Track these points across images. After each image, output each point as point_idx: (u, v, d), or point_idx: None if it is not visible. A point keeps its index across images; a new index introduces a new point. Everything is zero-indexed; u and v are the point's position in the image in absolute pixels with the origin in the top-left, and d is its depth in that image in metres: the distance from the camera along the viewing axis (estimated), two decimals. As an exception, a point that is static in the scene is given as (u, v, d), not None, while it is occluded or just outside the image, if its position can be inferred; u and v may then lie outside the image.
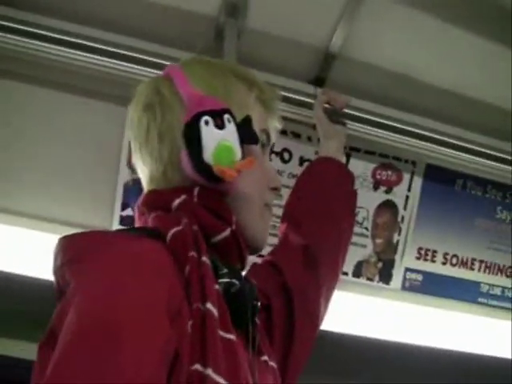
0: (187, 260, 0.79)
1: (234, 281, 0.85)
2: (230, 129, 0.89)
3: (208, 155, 0.86)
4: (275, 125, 1.02)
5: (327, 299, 1.21)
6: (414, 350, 1.73)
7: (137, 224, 0.95)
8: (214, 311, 0.76)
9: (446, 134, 1.57)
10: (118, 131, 1.40)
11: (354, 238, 1.57)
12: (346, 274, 1.58)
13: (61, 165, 1.42)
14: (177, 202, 0.89)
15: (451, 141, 1.57)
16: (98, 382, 0.62)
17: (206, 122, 0.87)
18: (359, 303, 1.64)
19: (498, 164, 1.63)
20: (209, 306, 0.76)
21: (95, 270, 0.74)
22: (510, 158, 1.63)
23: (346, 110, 1.43)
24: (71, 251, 0.80)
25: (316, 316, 1.17)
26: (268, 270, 1.15)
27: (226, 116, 0.89)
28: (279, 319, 1.09)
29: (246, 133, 0.92)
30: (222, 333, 0.77)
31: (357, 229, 1.57)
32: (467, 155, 1.59)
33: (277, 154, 1.48)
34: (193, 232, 0.84)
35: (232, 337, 0.78)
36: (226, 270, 0.85)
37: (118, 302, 0.69)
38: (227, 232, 0.89)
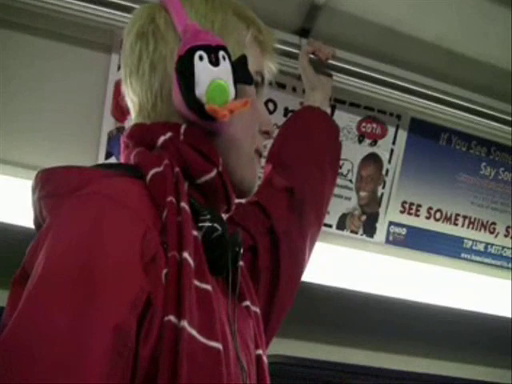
0: (165, 205, 0.78)
1: (215, 225, 0.83)
2: (225, 67, 0.85)
3: (200, 92, 0.84)
4: (271, 68, 0.99)
5: (311, 248, 1.22)
6: (397, 304, 1.75)
7: (121, 156, 0.93)
8: (191, 261, 0.74)
9: (431, 88, 1.57)
10: (102, 79, 1.40)
11: (339, 191, 1.58)
12: (330, 226, 1.60)
13: (44, 114, 1.41)
14: (162, 139, 0.87)
15: (436, 95, 1.57)
16: (64, 327, 0.62)
17: (201, 57, 0.84)
18: (343, 256, 1.65)
19: (482, 119, 1.64)
20: (185, 255, 0.74)
21: (70, 209, 0.73)
22: (495, 113, 1.63)
23: (332, 62, 1.43)
24: (49, 185, 0.80)
25: (301, 262, 1.17)
26: (254, 210, 1.14)
27: (222, 53, 0.85)
28: (265, 261, 1.09)
29: (241, 72, 0.89)
30: (197, 283, 0.75)
31: (341, 181, 1.58)
32: (452, 110, 1.60)
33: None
34: (173, 174, 0.82)
35: (208, 287, 0.77)
36: (208, 216, 0.84)
37: (90, 247, 0.68)
38: (213, 173, 0.87)
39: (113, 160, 1.41)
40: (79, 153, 1.43)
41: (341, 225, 1.62)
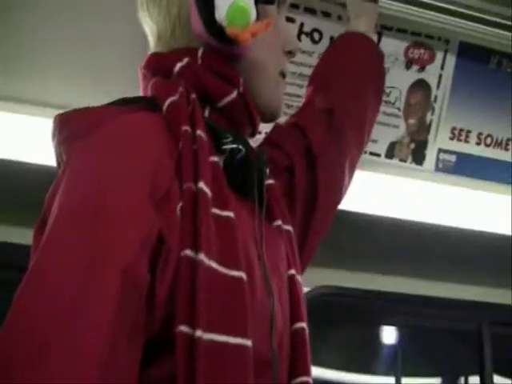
0: (180, 135, 0.76)
1: (239, 147, 0.82)
2: None
3: (220, 15, 0.82)
4: None
5: (351, 173, 1.19)
6: (448, 232, 1.75)
7: (140, 88, 0.92)
8: (207, 190, 0.72)
9: (479, 9, 1.52)
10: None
11: (386, 119, 1.57)
12: (378, 155, 1.60)
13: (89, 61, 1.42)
14: (178, 65, 0.84)
15: (485, 17, 1.52)
16: (73, 271, 0.63)
17: None
18: (392, 184, 1.65)
19: (534, 40, 1.59)
20: (201, 184, 0.72)
21: (82, 151, 0.73)
22: (547, 33, 1.58)
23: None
24: (66, 129, 0.79)
25: (339, 187, 1.14)
26: (291, 130, 1.11)
27: None
28: (301, 183, 1.06)
29: None
30: (217, 211, 0.73)
31: (389, 109, 1.56)
32: (502, 31, 1.55)
33: (307, 34, 1.47)
34: (190, 101, 0.80)
35: (229, 214, 0.75)
36: (230, 138, 0.82)
37: (98, 188, 0.69)
38: (234, 94, 0.85)
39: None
40: (120, 92, 1.44)
41: (389, 153, 1.61)
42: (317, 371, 4.10)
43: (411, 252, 1.82)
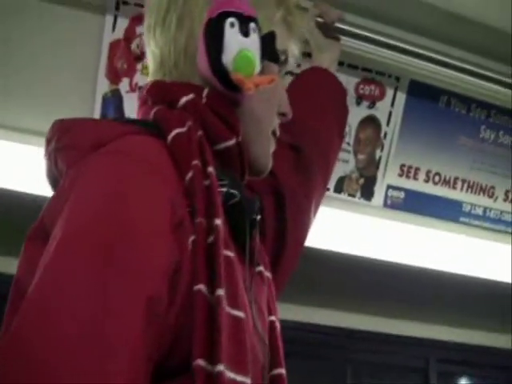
0: (189, 168, 0.75)
1: (234, 192, 0.81)
2: (254, 39, 0.83)
3: (228, 59, 0.81)
4: (294, 50, 0.96)
5: (316, 210, 1.19)
6: (394, 268, 1.75)
7: (138, 112, 0.90)
8: (222, 229, 0.72)
9: (430, 49, 1.54)
10: (96, 41, 1.38)
11: (336, 154, 1.57)
12: (327, 189, 1.59)
13: (38, 76, 1.40)
14: (184, 99, 0.83)
15: (436, 56, 1.54)
16: (90, 304, 0.60)
17: (232, 24, 0.82)
18: (340, 219, 1.65)
19: (482, 82, 1.61)
20: (218, 222, 0.72)
21: (96, 168, 0.71)
22: (494, 75, 1.61)
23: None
24: (67, 137, 0.77)
25: (306, 225, 1.14)
26: None
27: (253, 25, 0.83)
28: (270, 220, 1.05)
29: (269, 48, 0.87)
30: (224, 250, 0.73)
31: (339, 144, 1.56)
32: (452, 71, 1.57)
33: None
34: (198, 137, 0.79)
35: (231, 254, 0.75)
36: (226, 181, 0.81)
37: (118, 212, 0.66)
38: (232, 141, 0.84)
39: (108, 122, 1.40)
40: (73, 115, 1.41)
41: (338, 188, 1.61)
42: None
43: (357, 287, 1.81)
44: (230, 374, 0.67)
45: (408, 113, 1.62)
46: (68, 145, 0.76)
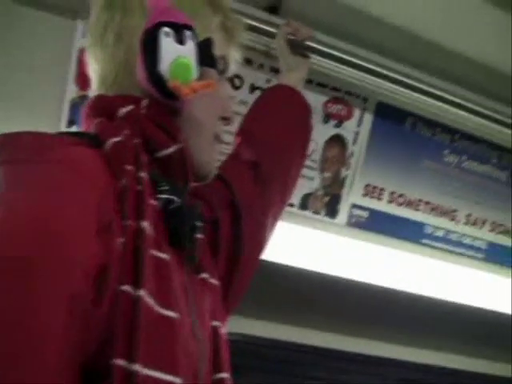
0: (123, 173, 0.77)
1: (173, 198, 0.84)
2: (190, 47, 0.86)
3: (164, 68, 0.84)
4: (235, 55, 0.99)
5: (273, 226, 1.21)
6: (355, 286, 1.76)
7: (82, 126, 0.92)
8: (150, 230, 0.74)
9: (399, 72, 1.57)
10: (67, 46, 1.37)
11: (302, 171, 1.58)
12: (292, 205, 1.60)
13: (5, 80, 1.38)
14: (123, 110, 0.86)
15: (404, 79, 1.57)
16: (12, 305, 0.60)
17: (167, 34, 0.84)
18: (305, 236, 1.65)
19: (447, 106, 1.64)
20: (144, 224, 0.74)
21: (23, 176, 0.71)
22: (460, 101, 1.64)
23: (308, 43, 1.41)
24: (5, 151, 0.76)
25: (262, 239, 1.16)
26: (216, 183, 1.12)
27: (188, 33, 0.86)
28: (226, 235, 1.07)
29: (205, 54, 0.89)
30: (154, 252, 0.75)
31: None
32: (418, 95, 1.60)
33: (228, 79, 1.47)
34: (133, 145, 0.81)
35: (165, 256, 0.77)
36: (166, 187, 0.84)
37: (42, 215, 0.65)
38: (172, 149, 0.86)
39: (74, 128, 1.39)
40: (41, 120, 1.40)
41: (303, 205, 1.62)
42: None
43: (320, 304, 1.81)
44: (154, 373, 0.68)
45: (375, 133, 1.64)
46: (6, 159, 0.75)
